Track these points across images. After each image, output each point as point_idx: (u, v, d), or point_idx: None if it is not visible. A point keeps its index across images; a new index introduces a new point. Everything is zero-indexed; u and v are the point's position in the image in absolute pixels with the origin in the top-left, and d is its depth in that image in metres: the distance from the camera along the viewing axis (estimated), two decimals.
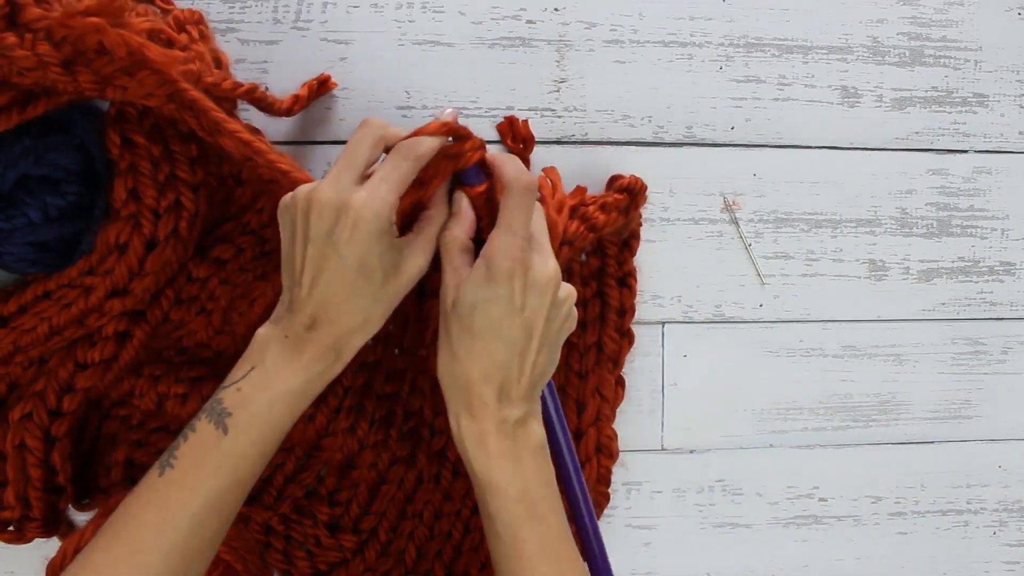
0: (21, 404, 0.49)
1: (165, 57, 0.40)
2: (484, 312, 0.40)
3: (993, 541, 0.61)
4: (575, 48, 0.55)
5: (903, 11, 0.57)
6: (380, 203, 0.39)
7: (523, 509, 0.41)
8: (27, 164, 0.44)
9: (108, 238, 0.46)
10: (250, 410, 0.39)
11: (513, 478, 0.42)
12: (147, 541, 0.37)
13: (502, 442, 0.42)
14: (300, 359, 0.40)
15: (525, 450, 0.42)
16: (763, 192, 0.57)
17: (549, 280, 0.42)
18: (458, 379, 0.42)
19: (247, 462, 0.39)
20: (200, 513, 0.38)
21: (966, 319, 0.60)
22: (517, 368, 0.42)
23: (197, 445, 0.39)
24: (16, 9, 0.38)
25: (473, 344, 0.41)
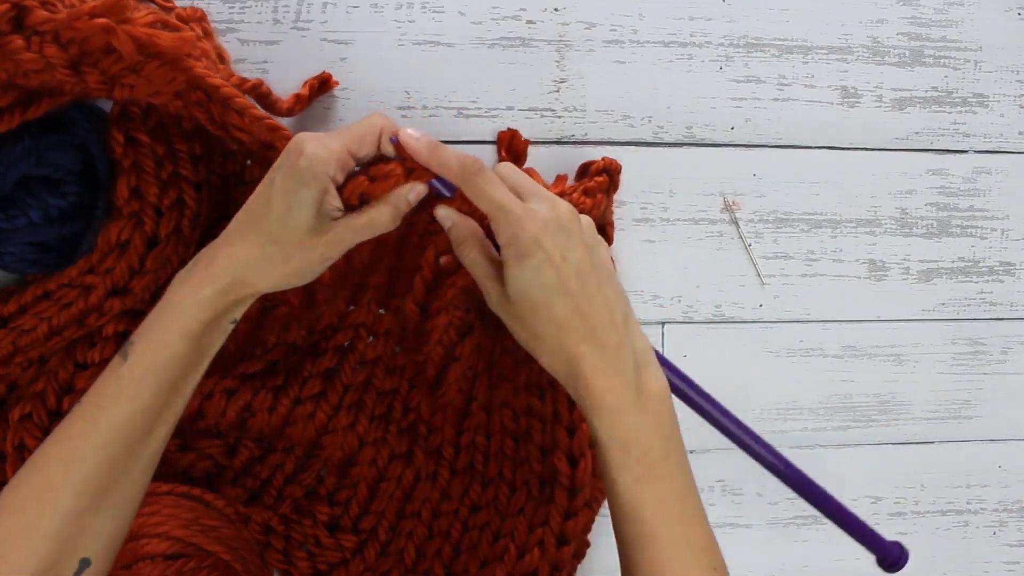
0: (21, 405, 0.49)
1: (177, 41, 0.40)
2: (538, 286, 0.39)
3: (993, 541, 0.61)
4: (575, 48, 0.55)
5: (903, 11, 0.57)
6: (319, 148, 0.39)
7: (646, 468, 0.40)
8: (28, 164, 0.44)
9: (109, 236, 0.46)
10: (147, 335, 0.39)
11: (637, 434, 0.40)
12: (56, 476, 0.37)
13: (625, 395, 0.40)
14: (194, 276, 0.40)
15: (649, 400, 0.40)
16: (763, 192, 0.57)
17: (568, 219, 0.40)
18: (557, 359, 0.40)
19: (146, 387, 0.38)
20: (104, 444, 0.37)
21: (966, 319, 0.60)
22: (599, 313, 0.40)
23: (103, 378, 0.39)
24: (22, 12, 0.37)
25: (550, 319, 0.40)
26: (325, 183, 0.39)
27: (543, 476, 0.54)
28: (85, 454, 0.37)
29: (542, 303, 0.40)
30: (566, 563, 0.53)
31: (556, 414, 0.54)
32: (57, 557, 0.36)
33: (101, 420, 0.38)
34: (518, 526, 0.54)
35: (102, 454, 0.37)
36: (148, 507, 0.47)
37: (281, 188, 0.39)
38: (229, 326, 0.41)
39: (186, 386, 0.40)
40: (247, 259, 0.40)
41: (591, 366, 0.40)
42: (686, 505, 0.41)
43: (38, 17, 0.37)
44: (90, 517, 0.37)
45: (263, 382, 0.51)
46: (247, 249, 0.40)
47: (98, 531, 0.37)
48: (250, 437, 0.52)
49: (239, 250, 0.40)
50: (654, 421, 0.40)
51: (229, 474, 0.53)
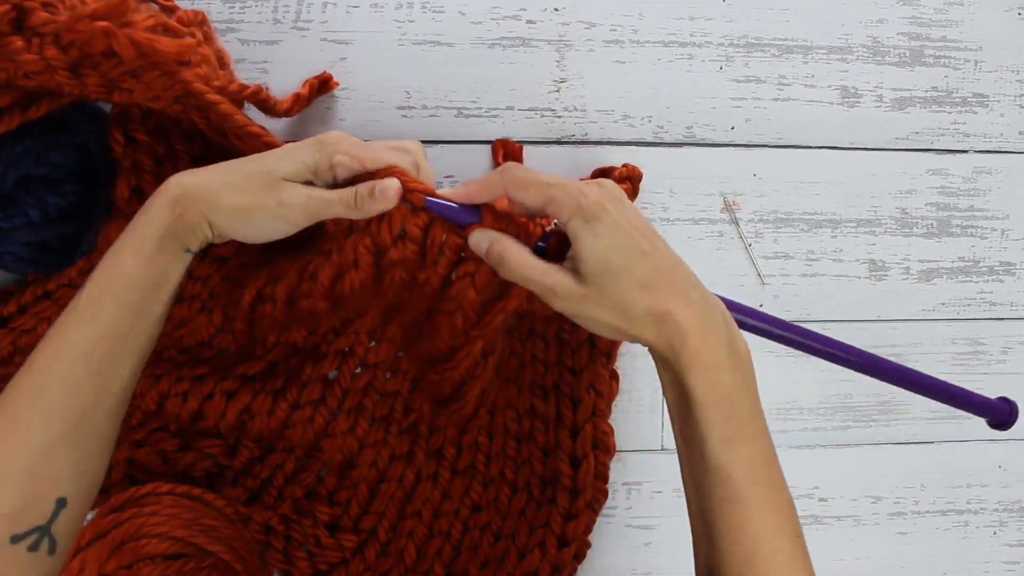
0: None
1: (176, 47, 0.40)
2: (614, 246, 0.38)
3: (993, 541, 0.61)
4: (575, 48, 0.55)
5: (903, 11, 0.57)
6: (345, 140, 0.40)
7: (737, 427, 0.39)
8: (28, 164, 0.44)
9: (110, 235, 0.46)
10: (104, 259, 0.39)
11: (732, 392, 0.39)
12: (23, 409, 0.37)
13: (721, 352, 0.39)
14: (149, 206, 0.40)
15: (740, 360, 0.40)
16: (763, 192, 0.57)
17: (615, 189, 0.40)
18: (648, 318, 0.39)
19: (105, 311, 0.38)
20: (68, 370, 0.37)
21: (966, 319, 0.60)
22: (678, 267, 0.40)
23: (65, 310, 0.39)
24: (23, 13, 0.37)
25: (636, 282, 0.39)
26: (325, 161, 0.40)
27: (544, 477, 0.54)
28: (50, 382, 0.37)
29: (623, 267, 0.39)
30: (567, 564, 0.53)
31: (559, 416, 0.54)
32: (31, 495, 0.35)
33: (63, 347, 0.37)
34: (519, 527, 0.54)
35: (67, 381, 0.37)
36: (148, 507, 0.47)
37: (285, 147, 0.41)
38: (184, 254, 0.41)
39: (147, 312, 0.40)
40: (207, 179, 0.40)
41: (685, 319, 0.39)
42: (772, 469, 0.39)
43: (39, 18, 0.37)
44: (62, 452, 0.36)
45: (263, 384, 0.51)
46: (209, 175, 0.40)
47: (72, 468, 0.37)
48: (250, 438, 0.52)
49: (201, 175, 0.40)
50: (744, 381, 0.40)
51: (229, 474, 0.53)
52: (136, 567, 0.45)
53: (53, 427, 0.36)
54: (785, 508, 0.39)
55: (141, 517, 0.46)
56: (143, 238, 0.39)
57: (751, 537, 0.37)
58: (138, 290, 0.39)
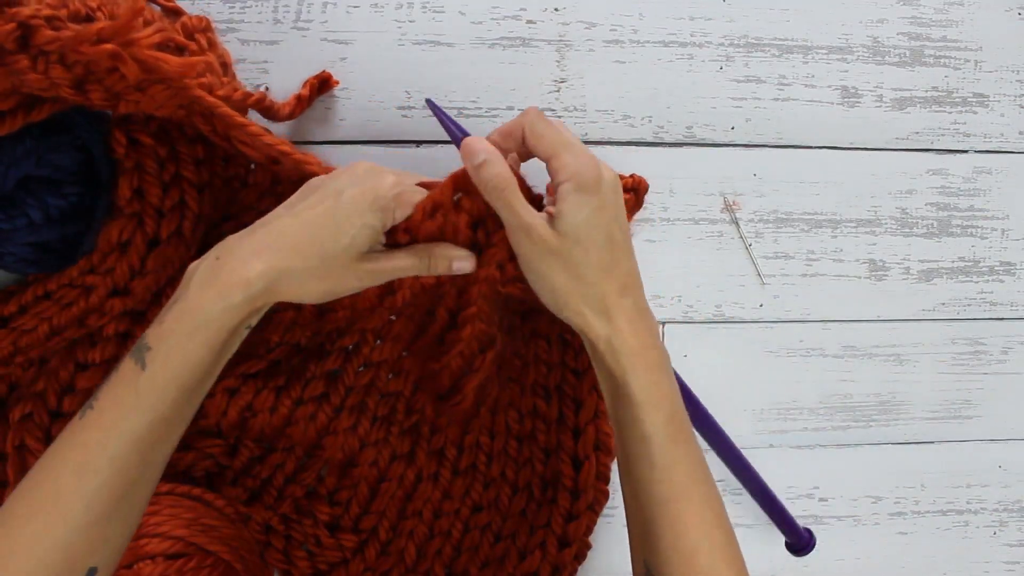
0: (21, 405, 0.49)
1: (183, 67, 0.39)
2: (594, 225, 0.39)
3: (993, 541, 0.61)
4: (575, 48, 0.55)
5: (903, 11, 0.57)
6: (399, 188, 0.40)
7: (676, 427, 0.40)
8: (29, 165, 0.44)
9: (110, 236, 0.46)
10: (168, 342, 0.38)
11: (669, 394, 0.40)
12: (68, 485, 0.36)
13: (661, 354, 0.40)
14: (221, 282, 0.38)
15: (668, 364, 0.41)
16: (763, 192, 0.57)
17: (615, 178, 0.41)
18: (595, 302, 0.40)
19: (166, 398, 0.37)
20: (120, 454, 0.36)
21: (966, 319, 0.60)
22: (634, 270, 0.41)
23: (117, 383, 0.38)
24: (28, 31, 0.37)
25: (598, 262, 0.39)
26: (390, 220, 0.40)
27: (546, 478, 0.54)
28: (100, 464, 0.36)
29: (592, 243, 0.39)
30: (567, 565, 0.53)
31: (561, 416, 0.54)
32: (64, 568, 0.35)
33: (117, 430, 0.37)
34: (520, 527, 0.54)
35: (117, 464, 0.36)
36: (148, 507, 0.47)
37: (352, 208, 0.39)
38: (245, 331, 0.41)
39: (202, 392, 0.40)
40: (288, 268, 0.39)
41: (629, 320, 0.40)
42: (705, 467, 0.41)
43: (44, 37, 0.37)
44: (101, 527, 0.36)
45: (265, 382, 0.51)
46: (292, 259, 0.39)
47: (107, 539, 0.37)
48: (251, 436, 0.52)
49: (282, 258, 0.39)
50: (672, 384, 0.41)
51: (229, 474, 0.53)
52: (136, 567, 0.45)
53: (96, 506, 0.36)
54: (718, 504, 0.40)
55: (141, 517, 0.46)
56: (220, 331, 0.38)
57: (692, 534, 0.38)
58: (201, 376, 0.39)
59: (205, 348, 0.38)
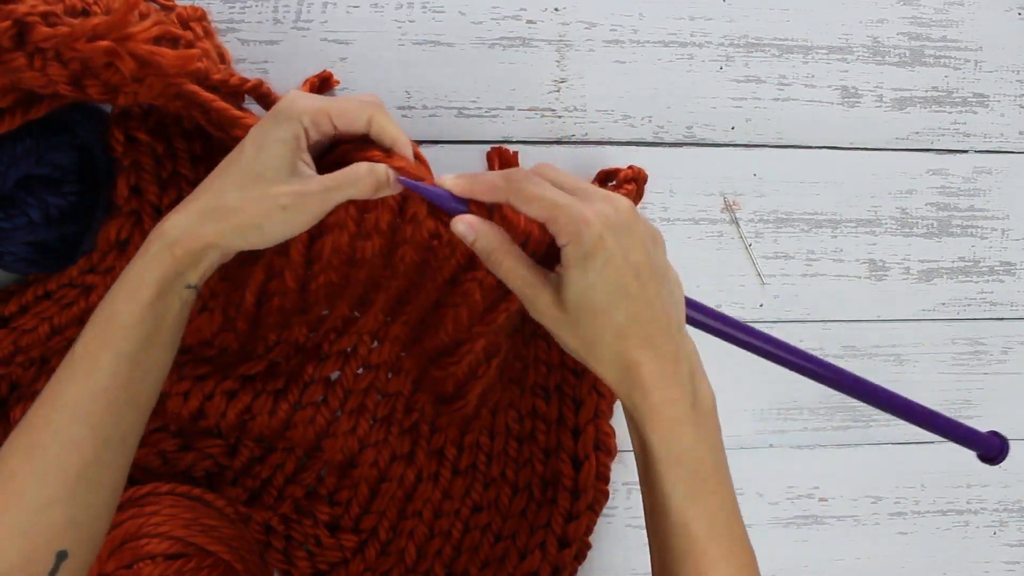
0: (22, 404, 0.49)
1: (180, 59, 0.39)
2: (599, 289, 0.37)
3: (993, 541, 0.61)
4: (575, 48, 0.55)
5: (903, 11, 0.57)
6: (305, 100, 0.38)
7: (698, 482, 0.38)
8: (28, 164, 0.44)
9: (109, 234, 0.46)
10: (98, 309, 0.37)
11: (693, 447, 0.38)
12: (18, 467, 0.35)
13: (684, 408, 0.38)
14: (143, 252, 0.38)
15: (703, 414, 0.39)
16: (763, 192, 0.57)
17: (628, 215, 0.38)
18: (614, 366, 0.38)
19: (101, 363, 0.36)
20: (65, 428, 0.36)
21: (966, 319, 0.60)
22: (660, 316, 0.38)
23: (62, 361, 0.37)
24: (24, 28, 0.37)
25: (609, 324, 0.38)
26: (298, 128, 0.38)
27: (546, 478, 0.54)
28: (46, 440, 0.36)
29: (603, 308, 0.38)
30: (567, 565, 0.53)
31: (561, 417, 0.54)
32: (28, 553, 0.34)
33: (59, 402, 0.36)
34: (520, 528, 0.54)
35: (64, 438, 0.36)
36: (148, 507, 0.47)
37: (255, 130, 0.39)
38: (185, 291, 0.39)
39: (147, 360, 0.38)
40: (201, 208, 0.38)
41: (650, 374, 0.38)
42: (733, 522, 0.39)
43: (40, 34, 0.37)
44: (60, 508, 0.35)
45: (264, 384, 0.51)
46: (204, 199, 0.38)
47: (72, 521, 0.36)
48: (250, 438, 0.52)
49: (194, 203, 0.38)
50: (707, 433, 0.39)
51: (229, 474, 0.53)
52: (136, 567, 0.45)
53: (49, 485, 0.35)
54: (742, 559, 0.39)
55: (141, 517, 0.46)
56: (139, 285, 0.37)
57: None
58: (136, 339, 0.37)
59: (130, 305, 0.37)
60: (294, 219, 0.39)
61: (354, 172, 0.39)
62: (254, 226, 0.38)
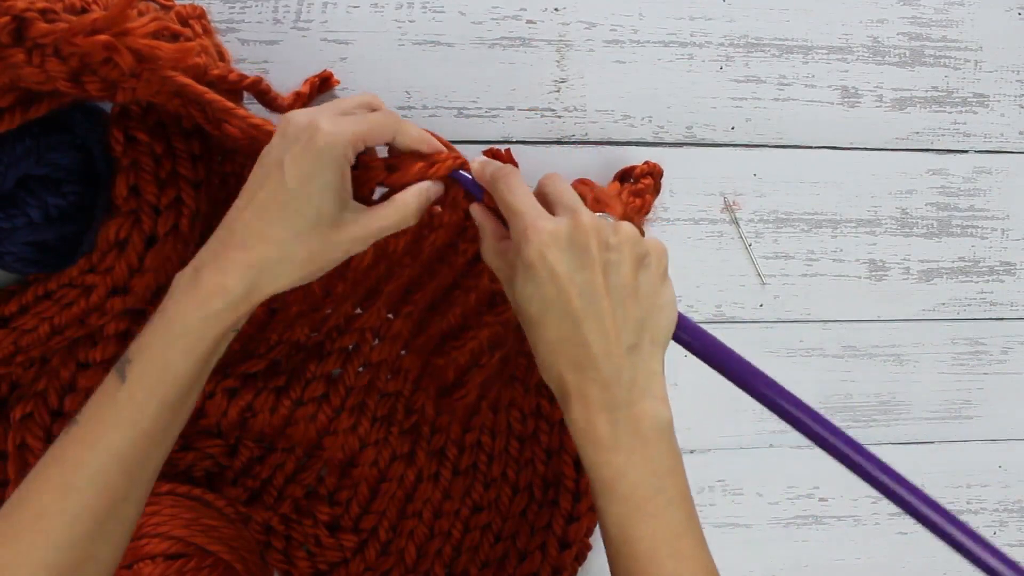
0: (22, 404, 0.49)
1: (178, 52, 0.39)
2: (537, 300, 0.38)
3: (993, 541, 0.61)
4: (575, 48, 0.55)
5: (903, 11, 0.57)
6: (340, 131, 0.37)
7: (633, 506, 0.38)
8: (28, 164, 0.44)
9: (108, 234, 0.46)
10: (147, 355, 0.36)
11: (623, 473, 0.37)
12: (50, 505, 0.35)
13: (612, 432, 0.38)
14: (200, 291, 0.36)
15: (638, 438, 0.38)
16: (763, 192, 0.57)
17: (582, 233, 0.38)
18: (552, 377, 0.39)
19: (147, 413, 0.36)
20: (102, 471, 0.35)
21: (966, 319, 0.60)
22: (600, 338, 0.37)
23: (99, 398, 0.36)
24: (22, 24, 0.37)
25: (548, 336, 0.38)
26: (344, 166, 0.37)
27: (547, 479, 0.54)
28: (82, 482, 0.35)
29: (537, 320, 0.38)
30: (568, 566, 0.53)
31: None
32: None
33: (98, 446, 0.36)
34: (520, 528, 0.54)
35: (99, 481, 0.35)
36: (148, 507, 0.47)
37: (298, 173, 0.36)
38: (232, 335, 0.39)
39: (187, 405, 0.38)
40: (264, 261, 0.37)
41: (578, 395, 0.38)
42: (682, 541, 0.38)
43: (39, 30, 0.37)
44: (87, 545, 0.35)
45: (265, 382, 0.51)
46: (264, 250, 0.37)
47: (96, 557, 0.36)
48: (251, 436, 0.52)
49: (254, 253, 0.37)
50: (643, 458, 0.38)
51: (229, 474, 0.53)
52: (136, 567, 0.45)
53: (78, 525, 0.35)
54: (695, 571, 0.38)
55: (141, 517, 0.46)
56: (198, 340, 0.36)
57: None
58: (184, 388, 0.37)
59: (186, 359, 0.37)
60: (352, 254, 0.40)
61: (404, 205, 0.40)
62: (317, 272, 0.39)
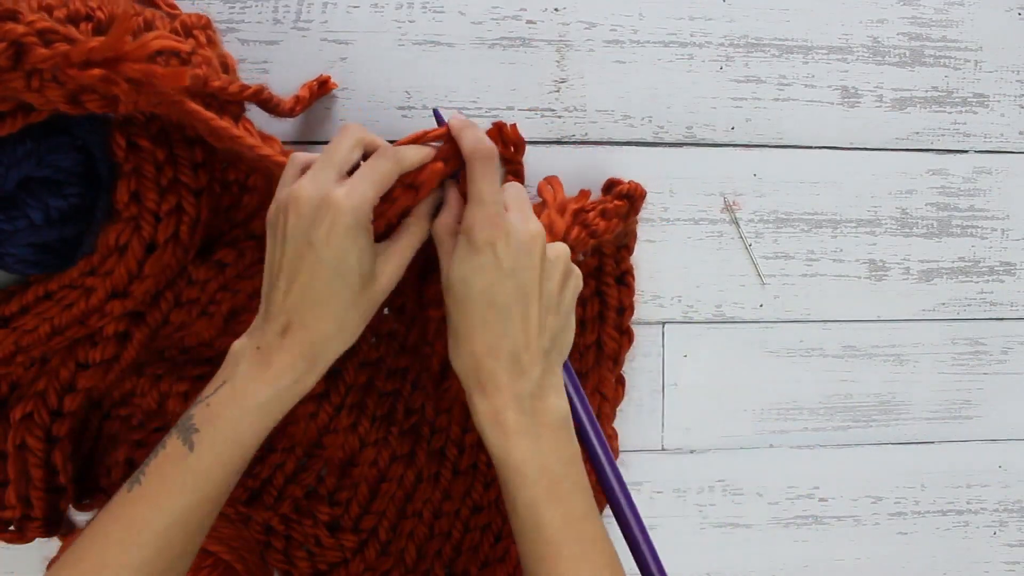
0: (22, 404, 0.49)
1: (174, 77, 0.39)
2: (473, 284, 0.40)
3: (993, 541, 0.61)
4: (575, 48, 0.55)
5: (903, 11, 0.57)
6: (359, 198, 0.38)
7: (542, 490, 0.40)
8: (29, 166, 0.44)
9: (108, 239, 0.46)
10: (217, 426, 0.38)
11: (532, 457, 0.40)
12: (112, 558, 0.37)
13: (519, 418, 0.40)
14: (270, 369, 0.39)
15: (544, 427, 0.41)
16: (763, 192, 0.57)
17: (532, 239, 0.40)
18: (466, 360, 0.41)
19: (213, 480, 0.38)
20: (166, 531, 0.37)
21: (966, 319, 0.60)
22: (522, 335, 0.40)
23: (165, 461, 0.38)
24: (22, 50, 0.37)
25: (472, 319, 0.40)
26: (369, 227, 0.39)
27: None
28: (146, 539, 0.37)
29: (467, 301, 0.40)
30: None
31: None
32: None
33: (163, 508, 0.37)
34: None
35: (162, 540, 0.37)
36: None
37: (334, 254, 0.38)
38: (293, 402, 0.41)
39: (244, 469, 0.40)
40: (324, 336, 0.39)
41: (491, 381, 0.40)
42: (586, 525, 0.41)
43: (38, 56, 0.37)
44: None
45: None
46: (324, 327, 0.39)
47: None
48: None
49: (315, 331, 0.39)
50: (549, 445, 0.41)
51: None
52: None
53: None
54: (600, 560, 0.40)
55: None
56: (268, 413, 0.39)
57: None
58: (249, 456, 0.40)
59: (255, 431, 0.39)
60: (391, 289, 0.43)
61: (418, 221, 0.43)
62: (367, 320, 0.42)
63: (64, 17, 0.39)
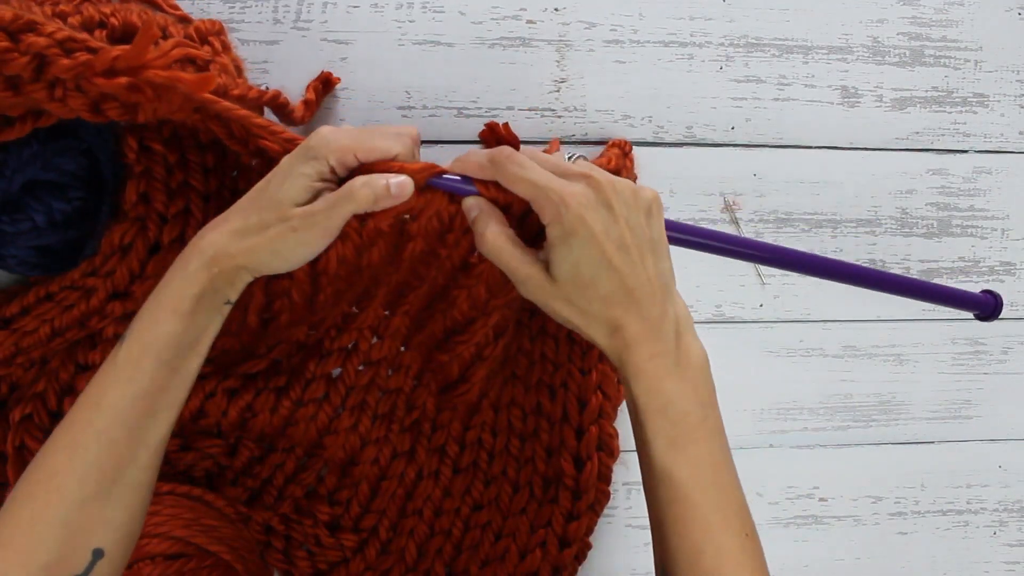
0: (22, 405, 0.49)
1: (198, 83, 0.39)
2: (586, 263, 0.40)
3: (993, 541, 0.61)
4: (575, 48, 0.55)
5: (903, 11, 0.57)
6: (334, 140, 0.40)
7: (681, 432, 0.40)
8: (34, 169, 0.44)
9: (112, 239, 0.47)
10: (141, 317, 0.40)
11: (674, 399, 0.40)
12: (60, 463, 0.38)
13: (663, 362, 0.41)
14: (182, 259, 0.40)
15: (687, 368, 0.41)
16: (763, 192, 0.57)
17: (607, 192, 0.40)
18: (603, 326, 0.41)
19: (143, 368, 0.39)
20: (106, 428, 0.38)
21: (966, 319, 0.60)
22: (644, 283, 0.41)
23: (103, 365, 0.40)
24: (44, 62, 0.37)
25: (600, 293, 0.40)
26: (323, 167, 0.40)
27: (547, 477, 0.54)
28: (88, 440, 0.38)
29: (589, 281, 0.40)
30: (567, 565, 0.53)
31: (565, 415, 0.54)
32: (67, 547, 0.36)
33: (102, 404, 0.38)
34: (520, 526, 0.54)
35: (104, 439, 0.38)
36: (149, 507, 0.47)
37: (284, 163, 0.40)
38: (224, 307, 0.42)
39: (184, 367, 0.40)
40: (231, 230, 0.40)
41: (633, 335, 0.40)
42: (719, 470, 0.41)
43: (60, 67, 0.37)
44: (98, 505, 0.37)
45: (265, 382, 0.51)
46: (233, 222, 0.40)
47: (109, 520, 0.38)
48: (251, 437, 0.52)
49: (225, 225, 0.41)
50: (692, 387, 0.41)
51: (229, 474, 0.53)
52: (136, 567, 0.45)
53: (88, 483, 0.37)
54: (731, 506, 0.41)
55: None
56: (181, 299, 0.40)
57: (696, 536, 0.39)
58: (176, 348, 0.40)
59: (172, 315, 0.39)
60: (306, 239, 0.41)
61: (350, 186, 0.40)
62: (272, 250, 0.41)
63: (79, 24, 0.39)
